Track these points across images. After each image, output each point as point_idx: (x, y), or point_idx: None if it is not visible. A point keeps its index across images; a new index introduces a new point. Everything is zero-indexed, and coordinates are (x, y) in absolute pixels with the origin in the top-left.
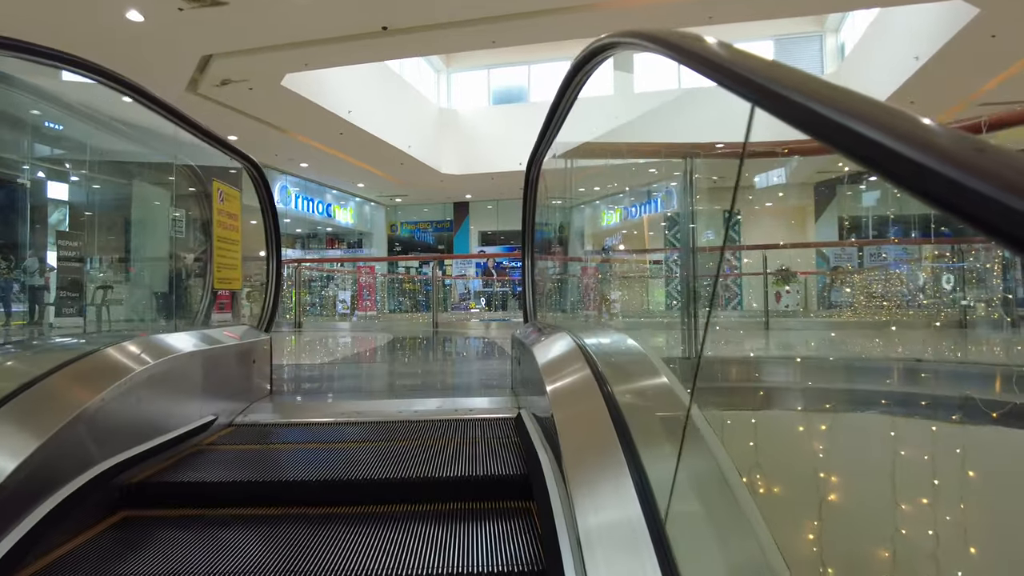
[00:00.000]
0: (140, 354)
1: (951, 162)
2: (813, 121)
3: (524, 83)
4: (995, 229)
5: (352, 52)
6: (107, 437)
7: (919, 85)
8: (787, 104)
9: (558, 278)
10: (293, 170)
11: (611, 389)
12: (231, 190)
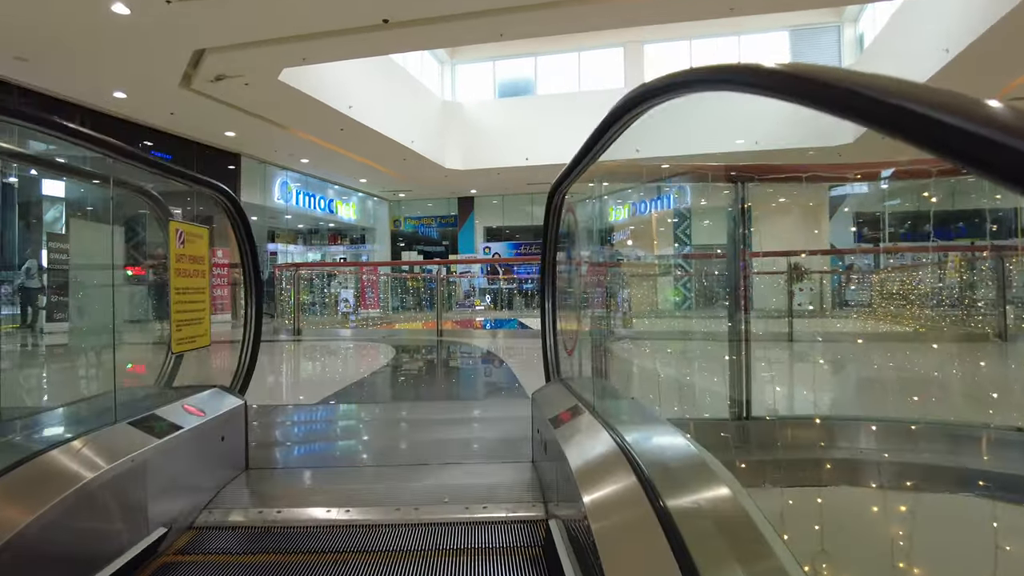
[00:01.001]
0: (43, 484)
1: None
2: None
3: (531, 75)
4: None
5: (352, 46)
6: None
7: (947, 79)
8: None
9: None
10: (293, 166)
11: (664, 504)
12: (195, 229)
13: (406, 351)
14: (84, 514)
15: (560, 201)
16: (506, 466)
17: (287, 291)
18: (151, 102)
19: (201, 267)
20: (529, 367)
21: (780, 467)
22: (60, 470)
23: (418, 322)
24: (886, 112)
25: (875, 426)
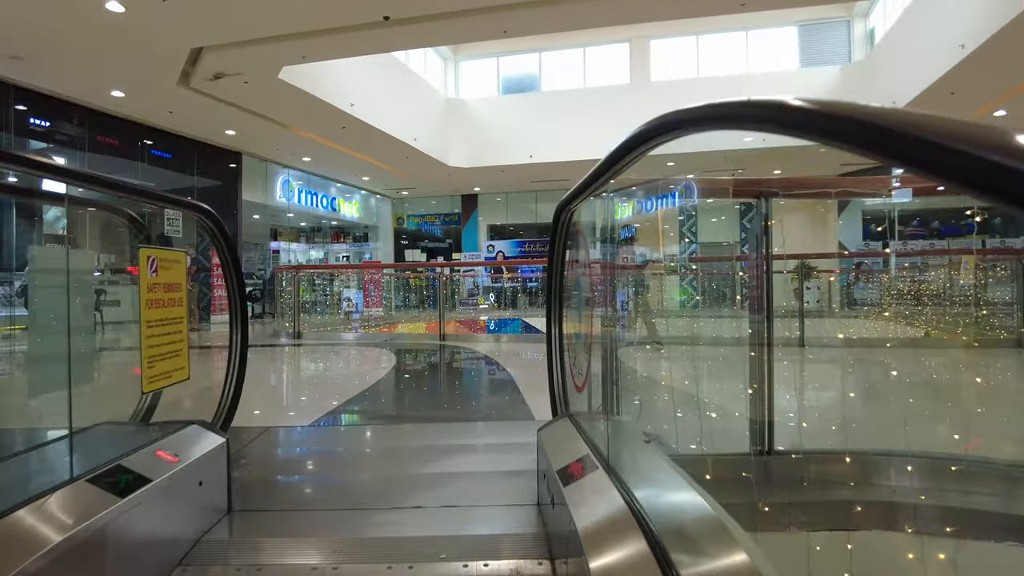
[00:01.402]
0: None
1: None
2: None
3: (535, 71)
4: None
5: (352, 44)
6: None
7: (962, 75)
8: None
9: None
10: (295, 164)
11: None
12: (171, 254)
13: (407, 359)
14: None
15: (568, 219)
16: (509, 511)
17: (288, 292)
18: (149, 101)
19: (178, 294)
20: (534, 380)
21: (806, 509)
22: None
23: (421, 322)
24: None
25: (912, 463)
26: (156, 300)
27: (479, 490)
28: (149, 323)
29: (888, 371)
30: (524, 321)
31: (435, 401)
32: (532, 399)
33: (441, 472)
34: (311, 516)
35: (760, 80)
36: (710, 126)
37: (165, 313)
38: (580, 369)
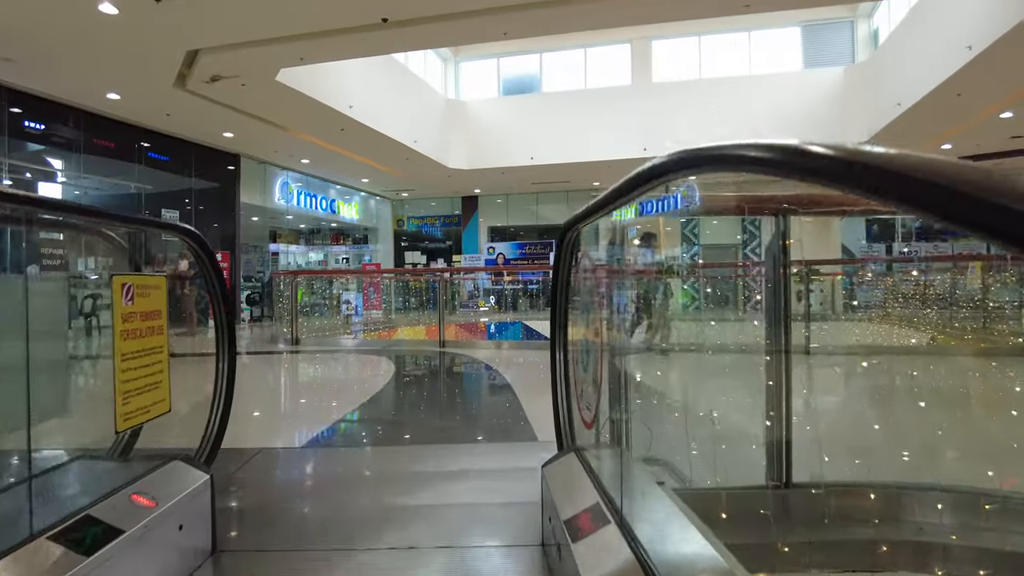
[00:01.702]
0: None
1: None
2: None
3: (536, 72)
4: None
5: (350, 46)
6: None
7: (969, 77)
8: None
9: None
10: (294, 166)
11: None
12: (149, 280)
13: (406, 368)
14: None
15: (574, 238)
16: (512, 553)
17: (286, 296)
18: (146, 103)
19: (157, 322)
20: (536, 392)
21: (827, 549)
22: None
23: (421, 326)
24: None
25: (941, 499)
26: (132, 331)
27: (480, 526)
28: (124, 356)
29: (906, 385)
30: (525, 325)
31: (433, 418)
32: (535, 415)
33: (439, 504)
34: (301, 558)
35: (763, 81)
36: (719, 167)
37: (143, 344)
38: (588, 402)
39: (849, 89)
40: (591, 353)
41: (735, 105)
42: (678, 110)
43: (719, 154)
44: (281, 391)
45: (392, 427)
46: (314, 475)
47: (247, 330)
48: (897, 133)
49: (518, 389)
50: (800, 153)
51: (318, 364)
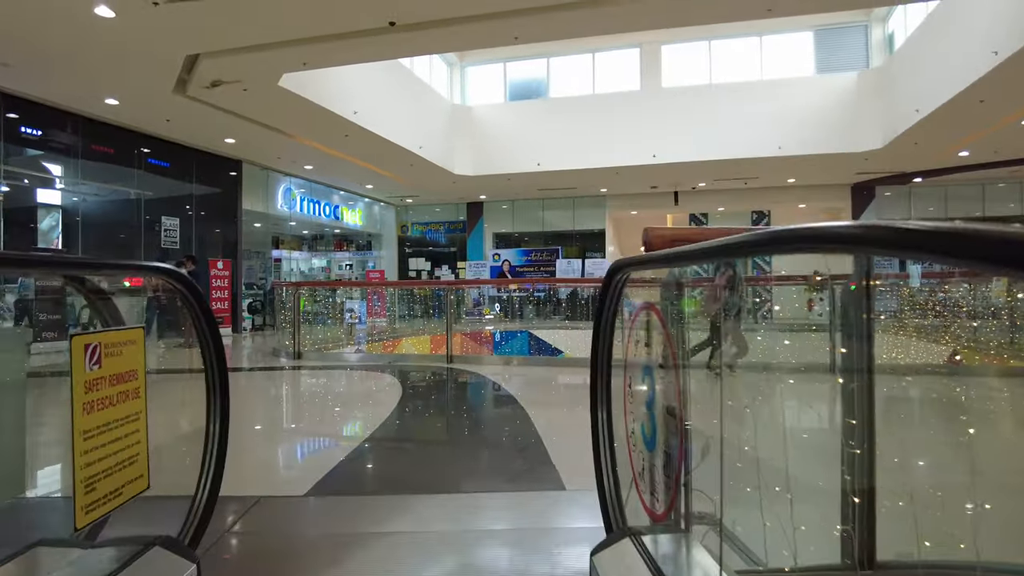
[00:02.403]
0: None
1: None
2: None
3: (543, 77)
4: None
5: (355, 50)
6: None
7: (994, 82)
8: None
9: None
10: (297, 172)
11: None
12: (121, 335)
13: (411, 391)
14: None
15: (623, 280)
16: None
17: (287, 307)
18: (145, 109)
19: (133, 384)
20: (555, 421)
21: None
22: None
23: (426, 335)
24: None
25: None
26: (100, 401)
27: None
28: (88, 433)
29: (974, 420)
30: (532, 334)
31: (446, 456)
32: (559, 455)
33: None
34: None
35: (774, 86)
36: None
37: (113, 415)
38: (656, 487)
39: (863, 95)
40: (660, 422)
41: (745, 110)
42: (688, 116)
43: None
44: (282, 418)
45: (401, 467)
46: (305, 541)
47: (248, 339)
48: (914, 140)
49: (535, 417)
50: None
51: (320, 384)
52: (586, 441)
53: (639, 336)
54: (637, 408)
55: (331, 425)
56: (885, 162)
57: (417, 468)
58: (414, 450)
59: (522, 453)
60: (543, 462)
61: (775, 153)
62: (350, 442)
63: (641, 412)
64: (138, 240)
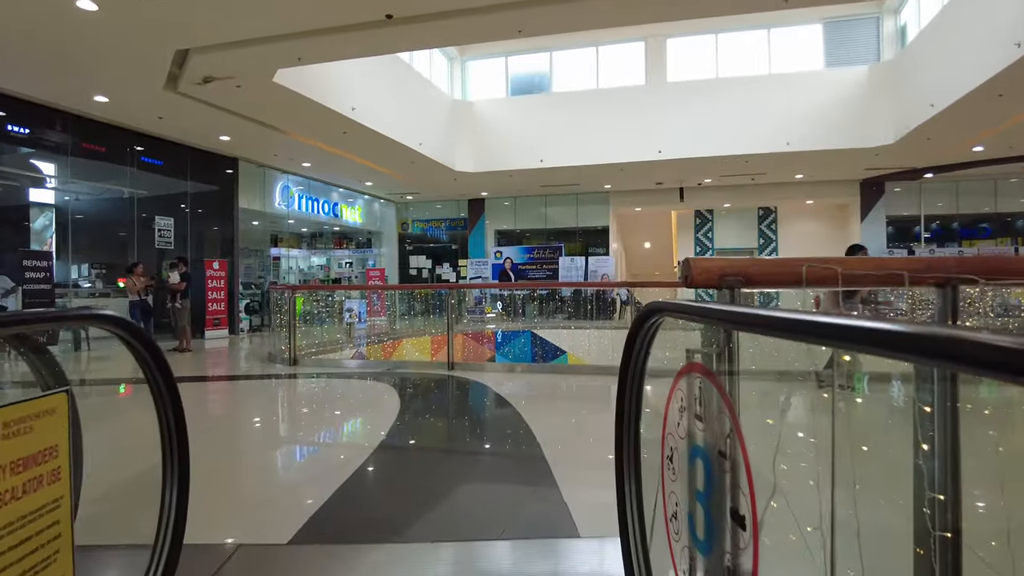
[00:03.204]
0: None
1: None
2: None
3: (545, 71)
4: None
5: (351, 44)
6: None
7: (1014, 77)
8: None
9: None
10: (294, 170)
11: None
12: (34, 406)
13: (411, 405)
14: None
15: (656, 326)
16: None
17: (284, 310)
18: (136, 106)
19: (51, 465)
20: (565, 451)
21: None
22: None
23: (427, 336)
24: None
25: None
26: (3, 494)
27: None
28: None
29: None
30: (535, 334)
31: (442, 491)
32: (570, 492)
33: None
34: None
35: (782, 80)
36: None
37: (22, 508)
38: None
39: (873, 88)
40: (721, 525)
41: (752, 105)
42: (694, 111)
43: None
44: (267, 442)
45: (396, 506)
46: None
47: (246, 341)
48: (926, 135)
49: (542, 440)
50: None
51: (314, 397)
52: (601, 473)
53: (681, 404)
54: (679, 488)
55: (320, 452)
56: (896, 157)
57: (414, 507)
58: (411, 485)
59: (530, 487)
60: (553, 499)
61: (783, 149)
62: (340, 473)
63: (685, 496)
64: (131, 240)
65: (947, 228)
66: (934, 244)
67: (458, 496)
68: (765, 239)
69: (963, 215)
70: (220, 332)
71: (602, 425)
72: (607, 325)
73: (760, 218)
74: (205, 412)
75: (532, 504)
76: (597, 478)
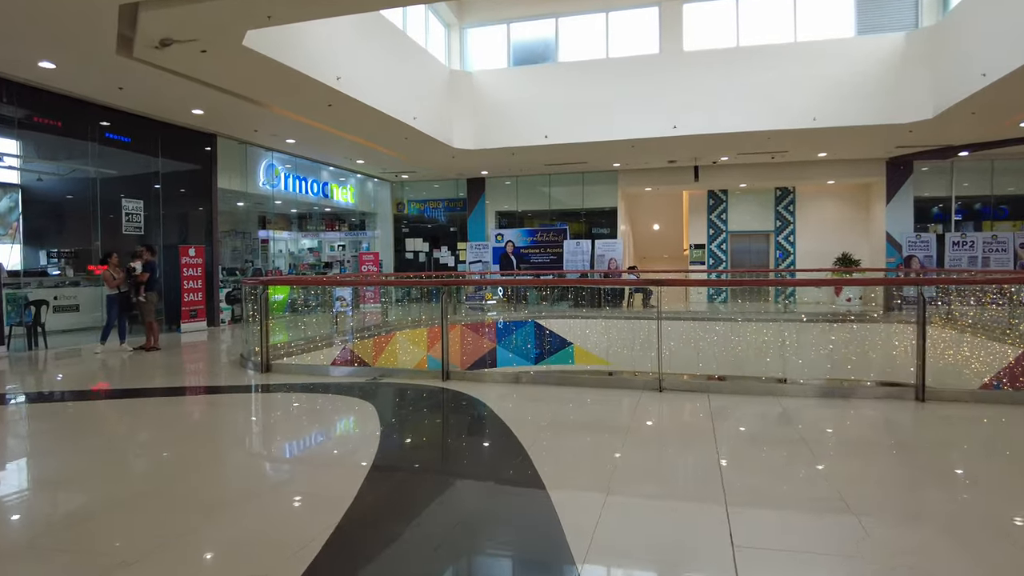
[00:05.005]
0: None
1: None
2: None
3: (551, 38)
4: None
5: (329, 1)
6: None
7: None
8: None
9: None
10: (278, 147)
11: None
12: None
13: (392, 436)
14: None
15: None
16: None
17: (259, 306)
18: (89, 74)
19: None
20: (579, 494)
21: None
22: None
23: (422, 328)
24: None
25: None
26: None
27: None
28: None
29: None
30: (539, 325)
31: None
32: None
33: None
34: None
35: (809, 49)
36: None
37: None
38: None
39: (910, 58)
40: None
41: (776, 76)
42: (712, 83)
43: None
44: (206, 499)
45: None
46: None
47: (226, 334)
48: (971, 109)
49: (560, 506)
50: None
51: (277, 425)
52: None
53: None
54: None
55: (271, 519)
56: (931, 134)
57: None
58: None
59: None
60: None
61: (809, 125)
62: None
63: None
64: (92, 224)
65: (970, 208)
66: (969, 225)
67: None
68: (782, 221)
69: (999, 196)
70: (198, 324)
71: (634, 466)
72: (617, 314)
73: (778, 199)
74: (106, 449)
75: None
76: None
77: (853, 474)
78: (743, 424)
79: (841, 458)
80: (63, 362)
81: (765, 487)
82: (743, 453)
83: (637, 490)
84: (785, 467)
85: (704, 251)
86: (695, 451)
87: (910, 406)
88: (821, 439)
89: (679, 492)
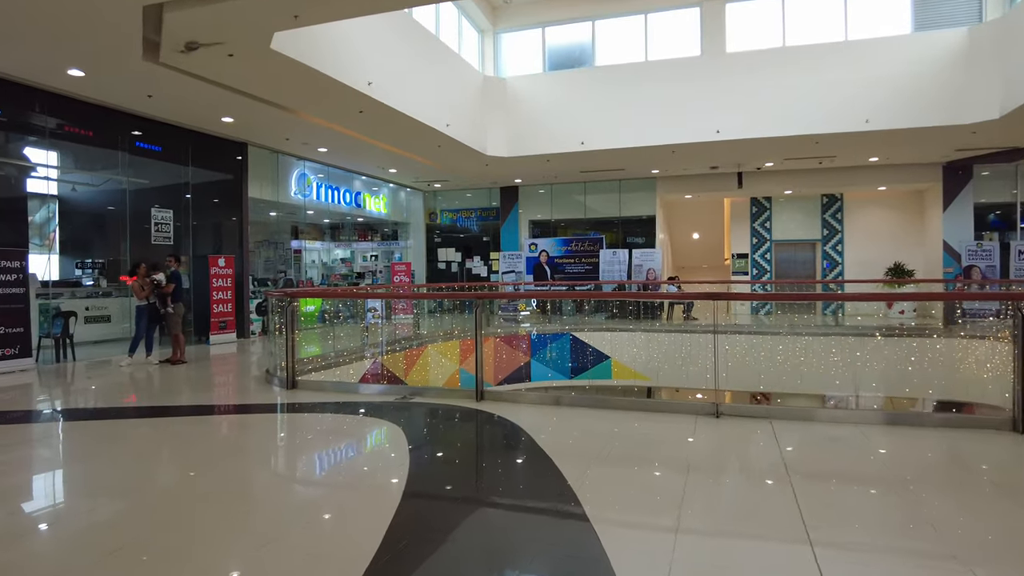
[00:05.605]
0: None
1: None
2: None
3: (587, 42)
4: None
5: None
6: None
7: None
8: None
9: None
10: (310, 155)
11: None
12: None
13: (418, 466)
14: None
15: None
16: None
17: (287, 320)
18: (117, 81)
19: None
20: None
21: None
22: None
23: (455, 341)
24: None
25: None
26: None
27: None
28: None
29: None
30: (575, 338)
31: None
32: None
33: None
34: None
35: (861, 48)
36: None
37: None
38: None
39: (974, 55)
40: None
41: (825, 78)
42: (756, 85)
43: None
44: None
45: None
46: None
47: (256, 346)
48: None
49: (606, 542)
50: None
51: (289, 457)
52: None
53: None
54: None
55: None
56: (996, 135)
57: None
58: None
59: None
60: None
61: (862, 128)
62: None
63: None
64: (122, 234)
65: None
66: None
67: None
68: (830, 230)
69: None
70: (227, 336)
71: (700, 513)
72: (655, 328)
73: (824, 206)
74: (106, 481)
75: None
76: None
77: (954, 517)
78: (818, 458)
79: (940, 499)
80: (88, 376)
81: (860, 541)
82: (825, 498)
83: (707, 548)
84: (878, 511)
85: (747, 261)
86: (774, 499)
87: (1007, 438)
88: (912, 476)
89: (766, 560)
